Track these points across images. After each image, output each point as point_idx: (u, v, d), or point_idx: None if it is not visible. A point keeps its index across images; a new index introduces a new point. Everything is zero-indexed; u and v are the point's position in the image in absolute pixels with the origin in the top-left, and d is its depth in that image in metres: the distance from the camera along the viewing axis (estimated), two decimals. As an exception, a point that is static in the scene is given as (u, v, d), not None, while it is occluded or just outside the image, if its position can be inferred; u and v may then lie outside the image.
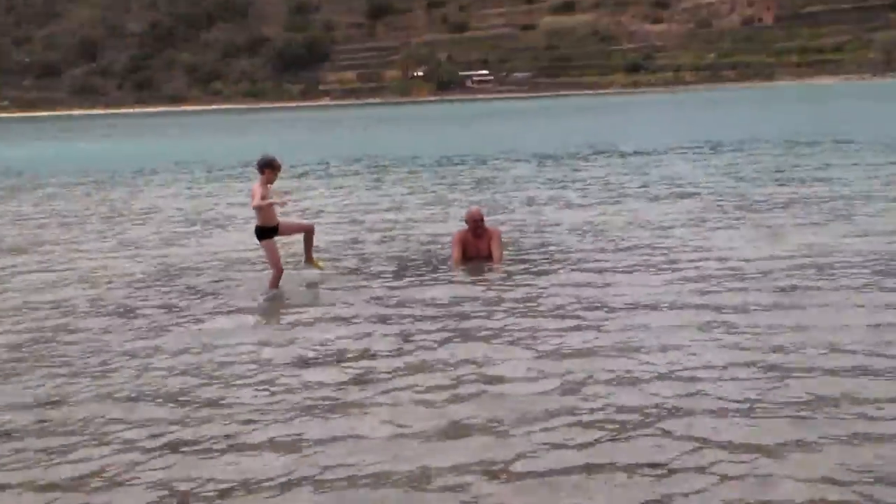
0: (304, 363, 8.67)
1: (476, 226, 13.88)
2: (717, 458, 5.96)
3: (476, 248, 14.01)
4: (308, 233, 13.16)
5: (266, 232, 12.62)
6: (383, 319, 10.22)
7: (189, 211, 21.88)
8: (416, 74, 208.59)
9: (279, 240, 12.52)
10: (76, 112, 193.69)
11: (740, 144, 37.88)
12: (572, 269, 12.73)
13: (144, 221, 20.26)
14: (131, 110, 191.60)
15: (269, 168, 12.61)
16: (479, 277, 12.71)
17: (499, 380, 7.82)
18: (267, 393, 7.85)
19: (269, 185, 12.67)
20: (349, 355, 8.88)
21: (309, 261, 13.00)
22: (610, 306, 10.26)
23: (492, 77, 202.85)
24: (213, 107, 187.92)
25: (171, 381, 8.20)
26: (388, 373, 8.19)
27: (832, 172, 24.83)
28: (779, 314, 9.70)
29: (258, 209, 12.21)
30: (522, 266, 13.16)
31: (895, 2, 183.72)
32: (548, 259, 13.73)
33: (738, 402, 7.08)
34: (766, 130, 46.62)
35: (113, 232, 19.08)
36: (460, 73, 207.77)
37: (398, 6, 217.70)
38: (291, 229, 13.07)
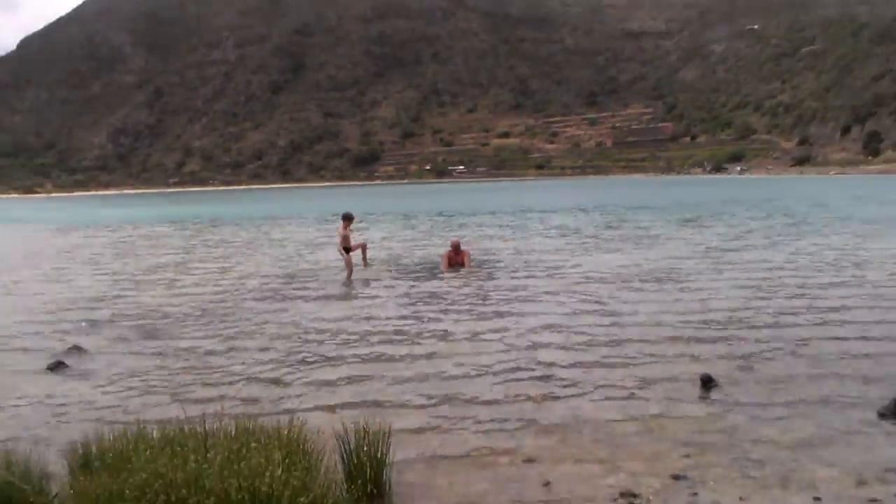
0: (368, 320, 13.85)
1: (455, 248, 20.51)
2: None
3: (456, 261, 20.35)
4: (363, 248, 20.18)
5: (346, 250, 19.64)
6: (408, 297, 16.21)
7: (306, 240, 31.84)
8: (426, 168, 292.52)
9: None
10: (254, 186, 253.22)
11: (595, 208, 53.00)
12: (508, 273, 19.23)
13: (283, 245, 29.77)
14: (281, 185, 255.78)
15: (347, 219, 19.58)
16: (457, 277, 18.82)
17: (454, 333, 12.57)
18: (349, 331, 12.92)
19: (349, 227, 19.57)
20: (390, 318, 14.12)
21: (364, 262, 19.71)
22: (525, 293, 16.11)
23: (466, 170, 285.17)
24: (322, 184, 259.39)
25: (293, 332, 12.95)
26: (412, 326, 13.11)
27: (641, 221, 37.68)
28: (617, 302, 14.95)
29: (342, 238, 19.83)
30: (482, 271, 19.56)
31: (672, 137, 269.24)
32: (495, 268, 20.26)
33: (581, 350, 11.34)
34: (606, 200, 66.79)
35: (261, 250, 28.76)
36: (449, 168, 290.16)
37: (417, 132, 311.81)
38: (356, 247, 19.96)
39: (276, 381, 10.38)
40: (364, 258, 21.06)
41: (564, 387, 9.81)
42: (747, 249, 24.27)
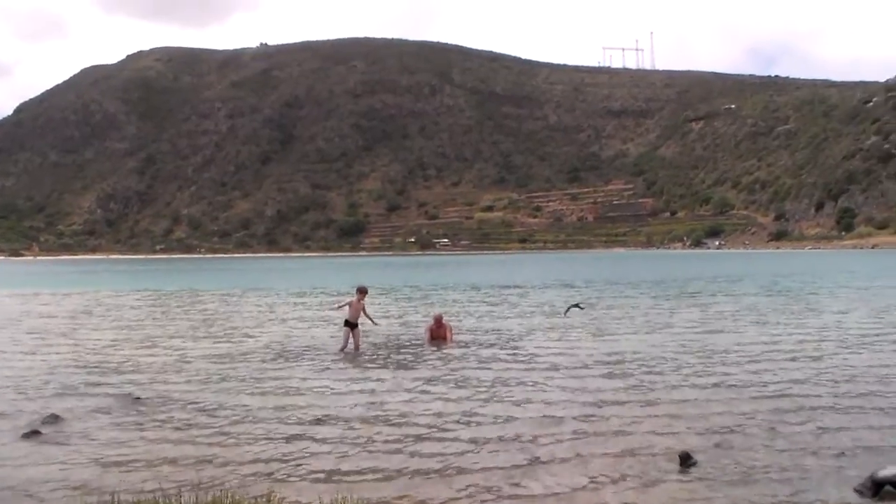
0: (361, 381, 15.20)
1: (438, 322, 20.93)
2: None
3: (438, 334, 20.67)
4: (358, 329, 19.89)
5: (348, 323, 19.64)
6: (398, 364, 17.13)
7: (304, 315, 30.73)
8: (410, 241, 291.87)
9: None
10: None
11: (580, 282, 53.30)
12: (487, 345, 19.87)
13: (283, 322, 28.10)
14: (271, 254, 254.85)
15: (362, 291, 20.24)
16: (439, 350, 19.30)
17: (447, 391, 14.04)
18: (342, 387, 14.43)
19: (361, 301, 19.88)
20: (375, 377, 15.35)
21: (356, 347, 19.52)
22: (503, 362, 16.91)
23: (449, 243, 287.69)
24: (308, 254, 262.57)
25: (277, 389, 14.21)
26: (402, 382, 14.48)
27: (625, 293, 39.91)
28: (583, 356, 17.23)
29: (350, 308, 19.82)
30: (462, 344, 20.02)
31: (652, 212, 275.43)
32: (475, 341, 20.86)
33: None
34: (591, 275, 67.49)
35: (270, 320, 28.92)
36: (433, 240, 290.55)
37: (403, 205, 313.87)
38: (358, 325, 19.81)
39: (257, 456, 10.15)
40: (357, 342, 20.11)
41: (535, 458, 9.85)
42: (732, 329, 23.95)
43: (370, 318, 20.22)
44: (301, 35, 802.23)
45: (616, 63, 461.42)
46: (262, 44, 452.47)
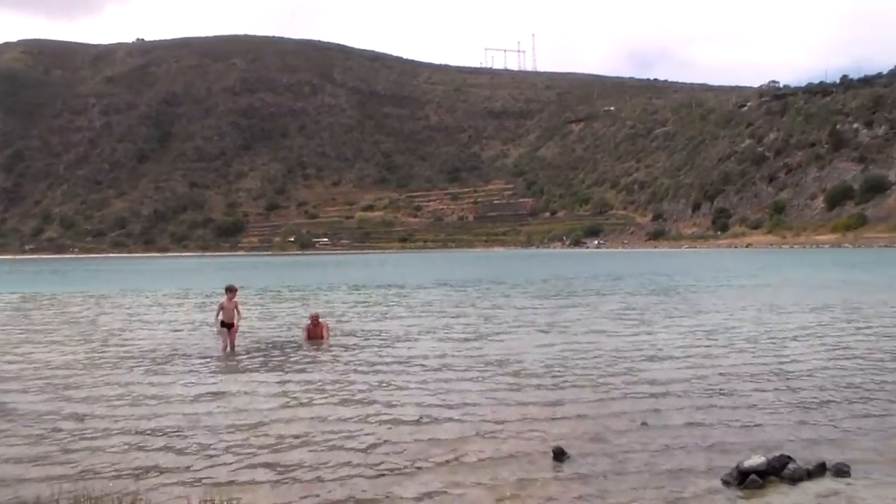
0: (230, 385, 15.02)
1: (314, 321, 21.25)
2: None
3: (315, 333, 21.02)
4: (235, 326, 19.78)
5: (224, 324, 19.50)
6: (272, 367, 16.62)
7: (176, 318, 28.98)
8: (290, 240, 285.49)
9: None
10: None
11: (456, 282, 53.24)
12: (364, 347, 19.41)
13: (153, 325, 26.55)
14: (147, 255, 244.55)
15: (231, 291, 20.08)
16: (316, 348, 19.65)
17: (321, 388, 14.30)
18: (204, 410, 12.26)
19: (232, 300, 19.75)
20: (246, 380, 15.21)
21: (232, 347, 19.45)
22: (380, 365, 16.54)
23: (329, 242, 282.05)
24: (186, 253, 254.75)
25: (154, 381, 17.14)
26: (271, 388, 14.04)
27: (504, 293, 40.08)
28: (462, 358, 17.24)
29: (222, 310, 19.61)
30: (337, 343, 20.12)
31: (532, 212, 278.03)
32: (349, 339, 21.02)
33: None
34: (472, 274, 67.97)
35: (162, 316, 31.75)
36: (313, 240, 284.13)
37: (282, 204, 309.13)
38: (235, 324, 19.71)
39: (121, 459, 9.85)
40: (233, 342, 19.85)
41: (411, 461, 9.74)
42: (609, 329, 24.10)
43: (233, 342, 19.94)
44: (178, 31, 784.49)
45: (498, 64, 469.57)
46: (138, 39, 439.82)
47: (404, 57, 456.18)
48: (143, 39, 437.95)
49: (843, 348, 18.83)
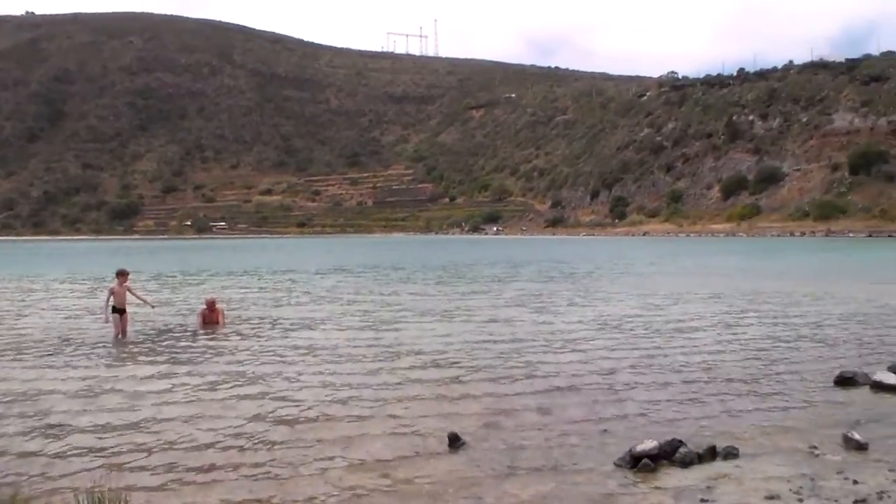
0: (114, 383, 13.41)
1: (210, 306, 21.08)
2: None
3: (211, 318, 20.93)
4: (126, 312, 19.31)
5: (116, 310, 19.12)
6: (164, 356, 16.03)
7: (63, 304, 28.12)
8: (186, 224, 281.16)
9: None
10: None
11: (354, 268, 53.35)
12: (260, 335, 19.11)
13: (39, 312, 25.35)
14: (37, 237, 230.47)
15: (122, 275, 19.40)
16: (211, 334, 19.38)
17: (216, 380, 13.67)
18: (90, 395, 12.34)
19: (124, 284, 19.23)
20: (138, 379, 13.65)
21: (124, 334, 18.99)
22: (275, 352, 16.32)
23: (227, 226, 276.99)
24: (78, 237, 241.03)
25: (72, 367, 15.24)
26: (159, 381, 13.22)
27: (403, 279, 39.74)
28: (360, 347, 16.74)
29: (113, 295, 19.06)
30: (234, 331, 19.84)
31: (431, 198, 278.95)
32: (245, 326, 20.68)
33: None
34: (370, 260, 67.66)
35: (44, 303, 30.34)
36: (210, 224, 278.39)
37: (179, 187, 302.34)
38: (126, 311, 19.26)
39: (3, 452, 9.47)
40: (125, 329, 19.36)
41: (308, 447, 9.84)
42: (507, 315, 24.12)
43: (142, 299, 19.81)
44: (71, 5, 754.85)
45: (399, 49, 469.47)
46: (27, 12, 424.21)
47: (306, 39, 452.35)
48: (32, 13, 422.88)
49: (738, 335, 19.30)
